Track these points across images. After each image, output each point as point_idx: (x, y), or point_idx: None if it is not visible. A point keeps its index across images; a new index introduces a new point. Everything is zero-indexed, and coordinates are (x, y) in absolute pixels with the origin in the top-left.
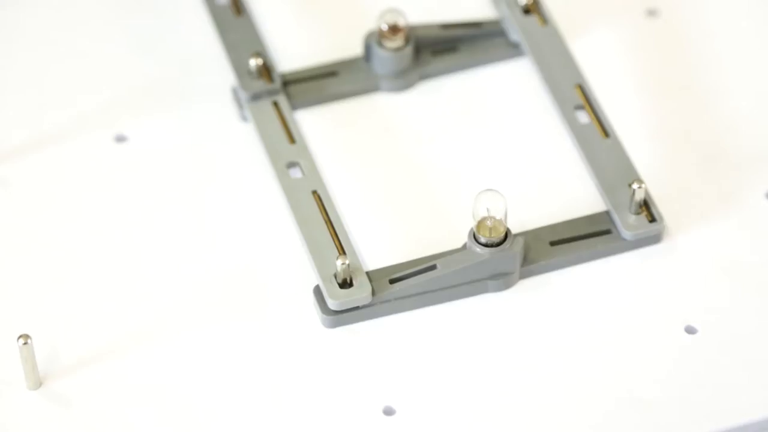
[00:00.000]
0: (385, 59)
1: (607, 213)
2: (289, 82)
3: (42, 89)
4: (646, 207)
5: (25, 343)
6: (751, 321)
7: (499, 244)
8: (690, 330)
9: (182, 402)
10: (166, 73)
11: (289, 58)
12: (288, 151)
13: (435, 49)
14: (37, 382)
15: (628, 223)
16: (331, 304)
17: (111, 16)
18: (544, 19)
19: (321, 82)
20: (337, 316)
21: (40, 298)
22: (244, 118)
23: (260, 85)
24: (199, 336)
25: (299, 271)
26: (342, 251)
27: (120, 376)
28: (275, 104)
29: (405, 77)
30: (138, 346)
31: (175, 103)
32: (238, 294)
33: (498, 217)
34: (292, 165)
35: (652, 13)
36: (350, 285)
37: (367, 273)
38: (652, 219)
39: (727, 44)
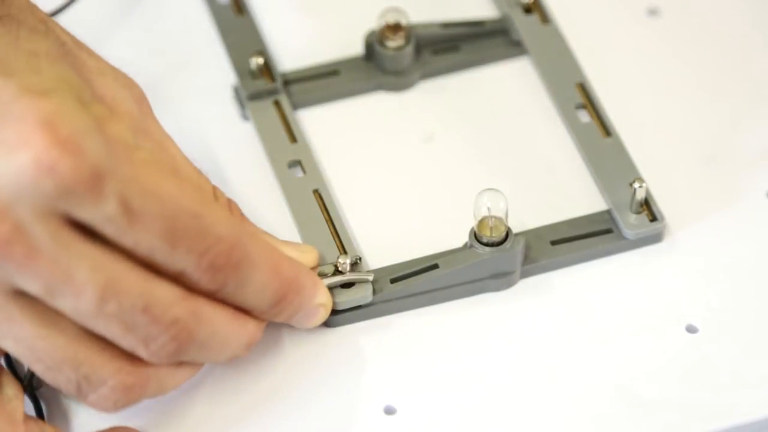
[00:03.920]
0: (386, 58)
1: (608, 212)
2: (290, 81)
3: None
4: (647, 206)
5: None
6: (751, 320)
7: (500, 244)
8: (691, 329)
9: (182, 401)
10: (167, 72)
11: (290, 58)
12: (289, 150)
13: (436, 48)
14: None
15: (629, 222)
16: (333, 304)
17: (112, 14)
18: (546, 18)
19: (322, 81)
20: (339, 316)
21: None
22: (245, 118)
23: (261, 84)
24: None
25: None
26: (343, 250)
27: None
28: (276, 103)
29: (406, 76)
30: None
31: (176, 102)
32: None
33: (499, 217)
34: (293, 164)
35: (653, 12)
36: (351, 284)
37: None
38: (653, 218)
39: (727, 44)
